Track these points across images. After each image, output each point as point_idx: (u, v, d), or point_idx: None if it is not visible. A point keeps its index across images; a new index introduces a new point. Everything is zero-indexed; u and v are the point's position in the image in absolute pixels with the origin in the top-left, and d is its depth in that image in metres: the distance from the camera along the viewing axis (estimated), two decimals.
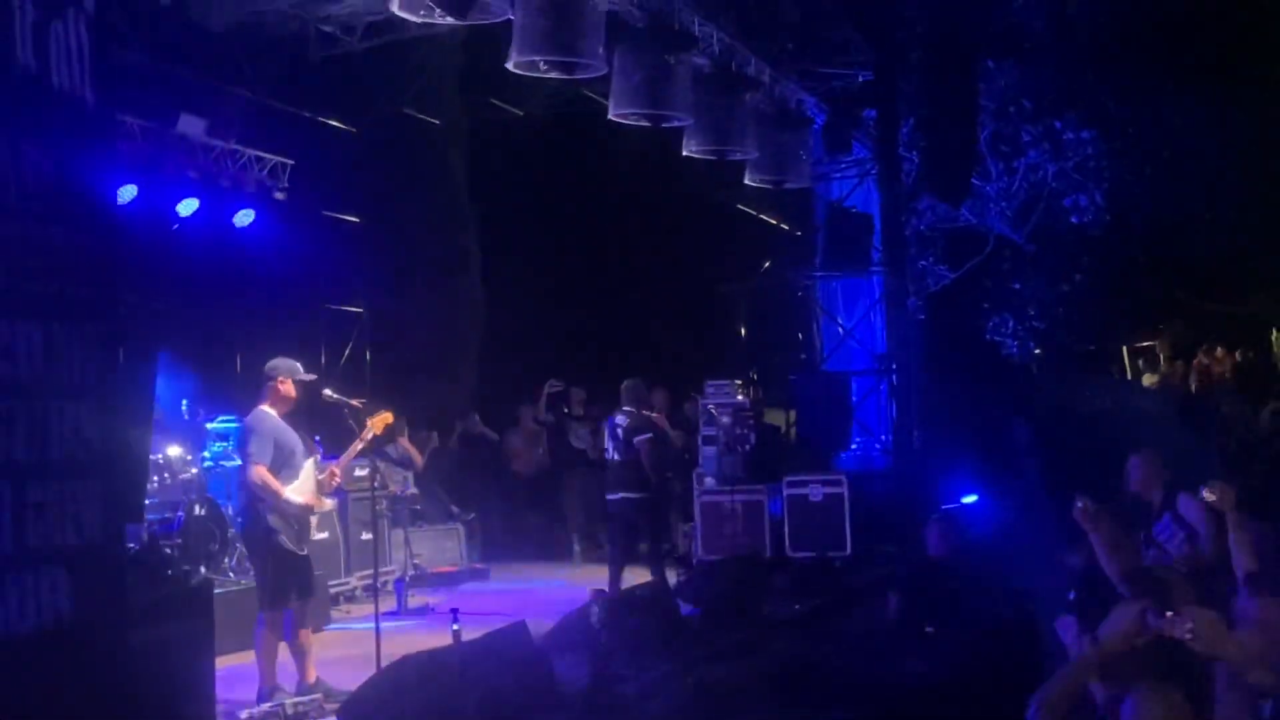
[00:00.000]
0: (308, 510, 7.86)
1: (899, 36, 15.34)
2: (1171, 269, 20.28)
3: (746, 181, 14.24)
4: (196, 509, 10.03)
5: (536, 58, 9.85)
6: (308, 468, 7.93)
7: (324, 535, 11.35)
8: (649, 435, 10.88)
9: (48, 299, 4.47)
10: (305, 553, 7.94)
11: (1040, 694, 4.05)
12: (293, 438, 7.91)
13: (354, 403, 8.23)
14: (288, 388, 7.90)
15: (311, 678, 7.94)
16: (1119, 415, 15.15)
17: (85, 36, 4.71)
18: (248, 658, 8.14)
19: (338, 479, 8.12)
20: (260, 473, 7.68)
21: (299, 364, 8.06)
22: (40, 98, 4.53)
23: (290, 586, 7.82)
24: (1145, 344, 21.52)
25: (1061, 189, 18.98)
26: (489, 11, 9.21)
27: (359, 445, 8.11)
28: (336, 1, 11.71)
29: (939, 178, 15.24)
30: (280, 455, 7.77)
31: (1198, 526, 6.65)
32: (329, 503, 8.29)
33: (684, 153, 12.63)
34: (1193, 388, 17.74)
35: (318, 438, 10.51)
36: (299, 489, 7.80)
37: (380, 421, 8.21)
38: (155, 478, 9.95)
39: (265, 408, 7.90)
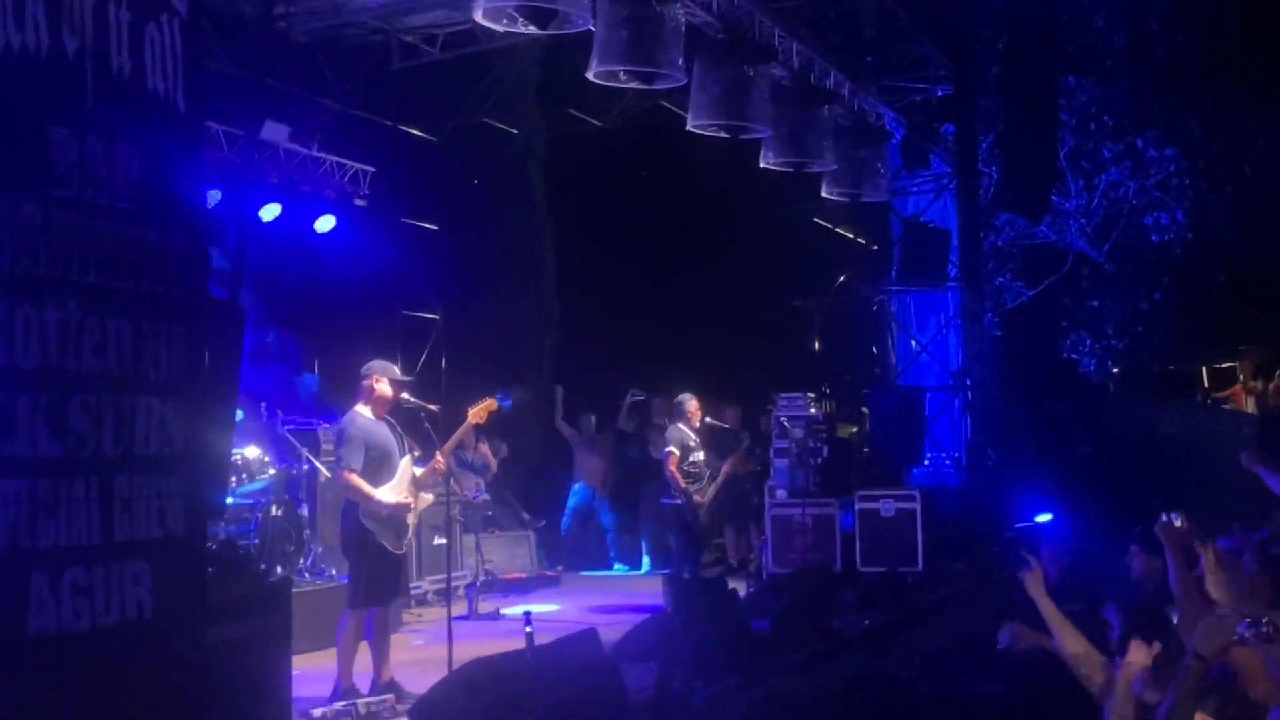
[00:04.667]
0: (402, 509, 7.89)
1: (978, 51, 15.22)
2: (1253, 289, 19.91)
3: (824, 195, 14.19)
4: (273, 510, 10.14)
5: (616, 68, 9.88)
6: (404, 466, 7.98)
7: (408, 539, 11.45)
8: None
9: (139, 297, 4.54)
10: (402, 553, 8.01)
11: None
12: (386, 438, 7.95)
13: (430, 407, 8.29)
14: (382, 387, 7.95)
15: (386, 678, 7.99)
16: (1196, 437, 14.91)
17: (179, 41, 4.79)
18: (319, 658, 8.21)
19: (442, 467, 8.15)
20: (349, 478, 7.76)
21: (394, 366, 8.17)
22: (135, 100, 4.61)
23: (381, 586, 7.88)
24: (1225, 365, 21.13)
25: (1142, 206, 18.71)
26: (570, 23, 9.25)
27: (463, 432, 8.21)
28: (419, 12, 11.84)
29: (1018, 193, 15.08)
30: (374, 455, 7.82)
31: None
32: (428, 498, 8.32)
33: (761, 165, 12.60)
34: (1272, 410, 17.42)
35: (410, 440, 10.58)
36: (393, 488, 7.85)
37: (484, 409, 8.26)
38: (233, 478, 10.07)
39: (359, 408, 7.98)
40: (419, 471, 8.11)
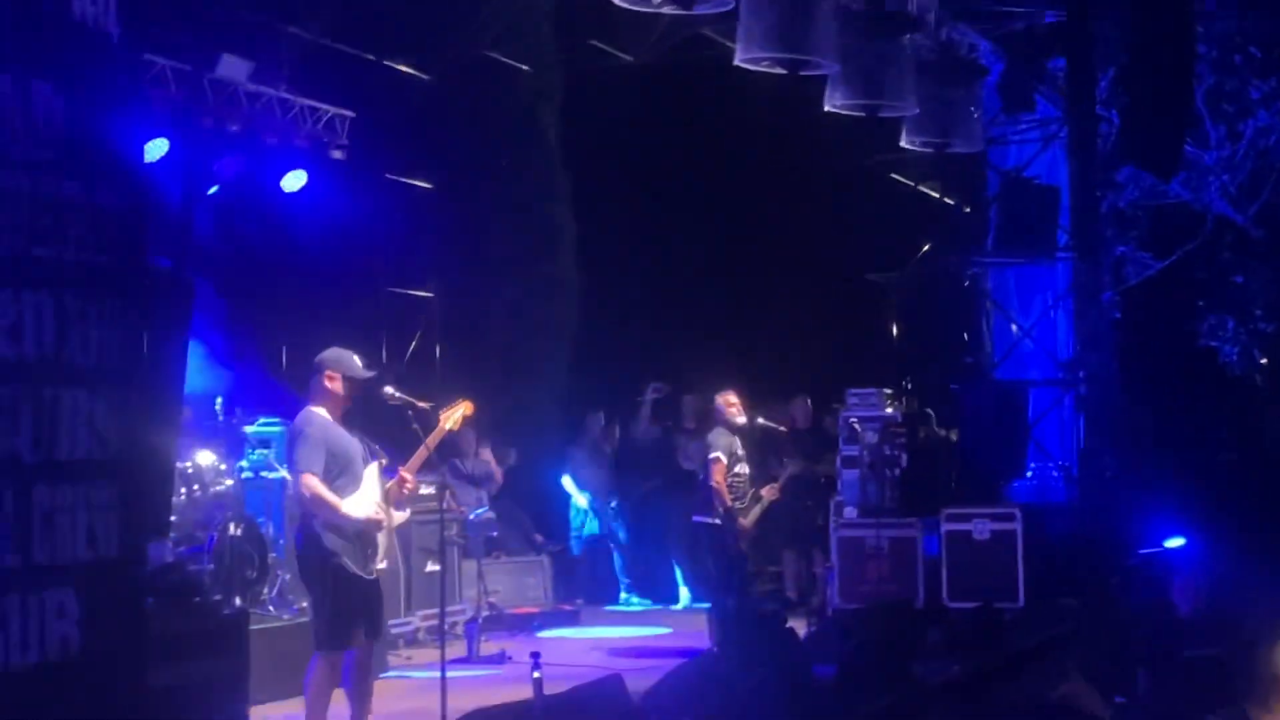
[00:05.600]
0: (373, 526, 7.88)
1: None
2: None
3: (903, 145, 14.14)
4: (231, 528, 10.18)
5: None
6: (370, 476, 7.98)
7: (381, 565, 11.50)
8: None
9: (60, 266, 4.57)
10: (373, 578, 7.96)
11: None
12: (348, 442, 7.96)
13: (420, 404, 8.29)
14: (336, 384, 7.94)
15: None
16: None
17: None
18: (287, 707, 8.26)
19: (410, 485, 8.15)
20: (310, 482, 7.72)
21: (356, 357, 8.09)
22: (55, 29, 4.64)
23: (354, 621, 7.85)
24: None
25: None
26: None
27: (433, 441, 8.16)
28: None
29: (1144, 143, 14.99)
30: (335, 463, 7.81)
31: None
32: (401, 515, 8.33)
33: (826, 108, 12.56)
34: None
35: (376, 446, 10.62)
36: (360, 501, 7.84)
37: (457, 413, 8.26)
38: (183, 489, 10.13)
39: (314, 408, 7.97)
40: (389, 485, 8.10)
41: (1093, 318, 15.51)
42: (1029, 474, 15.73)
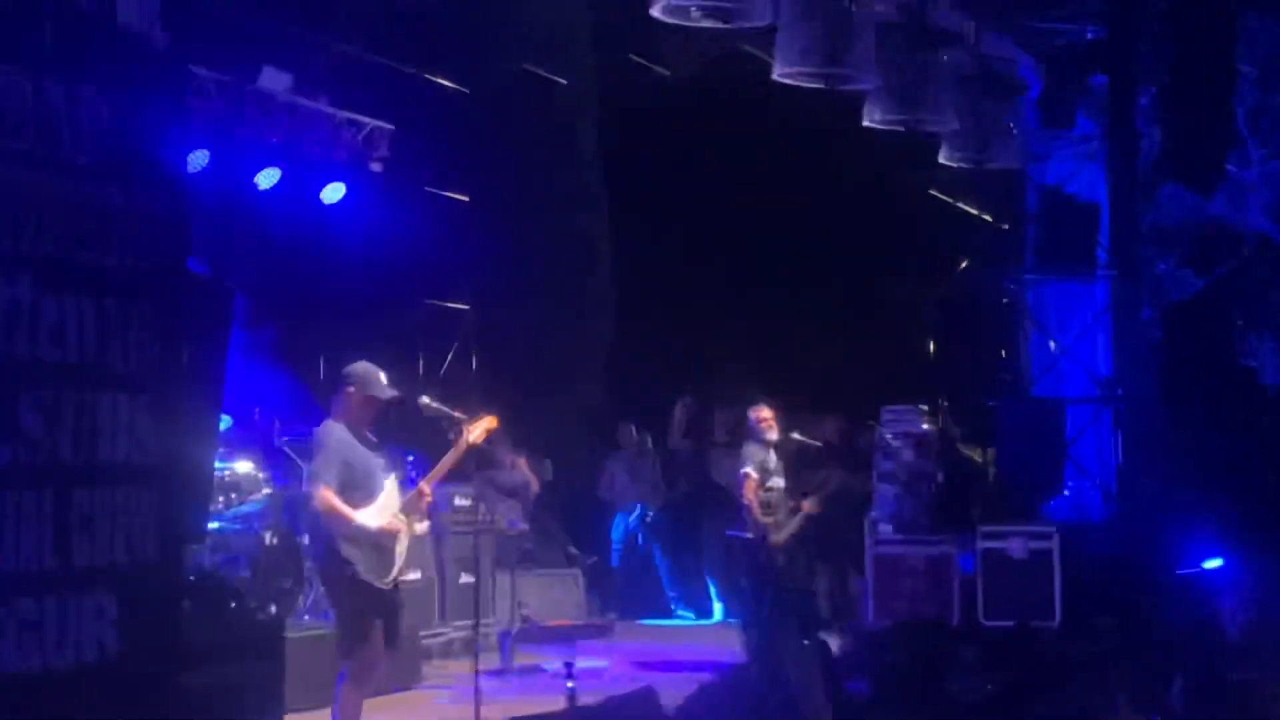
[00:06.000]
0: (387, 536, 7.90)
1: None
2: None
3: (941, 160, 14.11)
4: (268, 537, 10.24)
5: (686, 2, 9.92)
6: (389, 487, 8.02)
7: (415, 576, 11.56)
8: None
9: (103, 271, 4.61)
10: (391, 588, 7.98)
11: None
12: (367, 456, 7.99)
13: (457, 415, 8.31)
14: (359, 399, 7.97)
15: None
16: None
17: None
18: (321, 715, 8.28)
19: (428, 497, 8.17)
20: (324, 496, 7.76)
21: (382, 375, 8.08)
22: (101, 36, 4.69)
23: (372, 630, 7.89)
24: None
25: None
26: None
27: (453, 458, 8.18)
28: None
29: (1185, 161, 14.93)
30: (352, 476, 7.83)
31: None
32: (420, 527, 8.35)
33: (865, 123, 12.55)
34: None
35: (411, 457, 10.66)
36: (375, 512, 7.87)
37: (481, 428, 8.27)
38: (221, 498, 10.19)
39: (334, 420, 8.01)
40: (407, 497, 8.13)
41: (1132, 336, 15.43)
42: (1066, 492, 15.65)
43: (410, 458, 10.69)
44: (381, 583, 7.88)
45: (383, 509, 7.90)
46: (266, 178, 12.16)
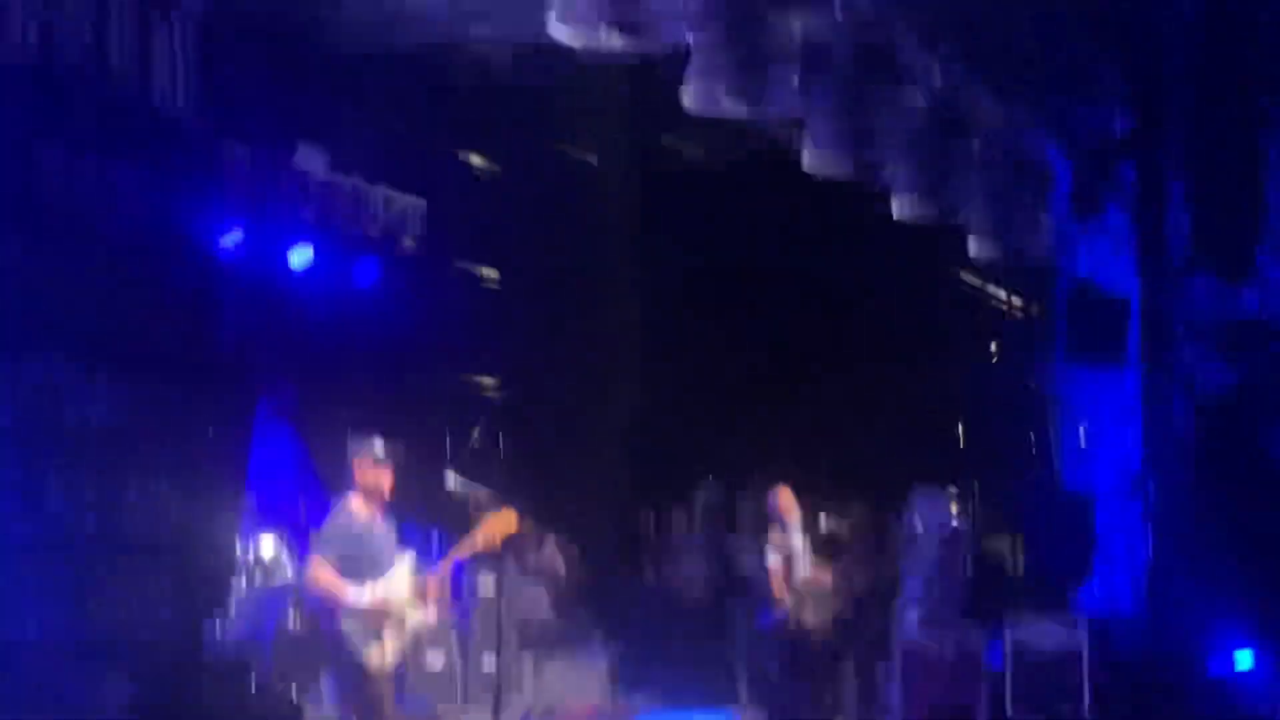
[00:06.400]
0: (383, 614, 7.77)
1: (1168, 72, 15.06)
2: None
3: (972, 251, 14.10)
4: (292, 620, 10.13)
5: (715, 87, 9.98)
6: (401, 566, 7.96)
7: (438, 659, 11.51)
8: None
9: (132, 346, 4.65)
10: (385, 671, 7.86)
11: None
12: (375, 534, 7.92)
13: (481, 498, 8.29)
14: (363, 473, 7.94)
15: None
16: None
17: (190, 46, 4.93)
18: None
19: (436, 590, 8.10)
20: (314, 569, 7.70)
21: (379, 443, 8.04)
22: (135, 114, 4.74)
23: (360, 710, 7.79)
24: None
25: None
26: (661, 35, 9.37)
27: (465, 550, 8.13)
28: (485, 20, 12.03)
29: (1216, 253, 14.88)
30: (357, 553, 7.77)
31: None
32: (421, 614, 8.17)
33: (894, 215, 12.58)
34: None
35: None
36: (371, 588, 7.77)
37: (499, 525, 8.15)
38: (244, 578, 10.13)
39: (350, 497, 7.95)
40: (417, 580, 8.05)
41: (1162, 427, 15.33)
42: (1095, 585, 15.51)
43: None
44: (375, 664, 7.75)
45: (386, 587, 7.81)
46: (299, 256, 12.21)
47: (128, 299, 4.65)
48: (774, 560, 11.37)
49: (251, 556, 10.20)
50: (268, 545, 10.43)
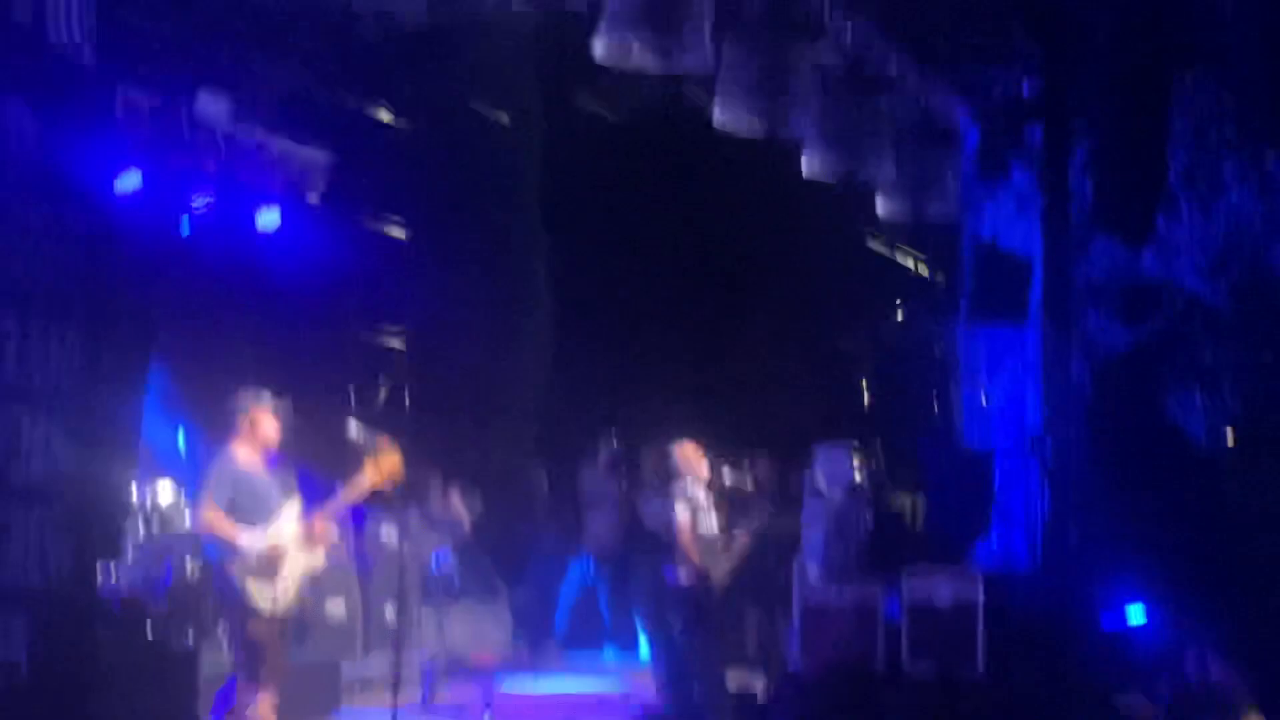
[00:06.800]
0: (273, 557, 7.87)
1: (1076, 37, 15.21)
2: None
3: (879, 211, 14.20)
4: (188, 566, 10.13)
5: (628, 39, 9.96)
6: (288, 512, 8.03)
7: (338, 609, 11.50)
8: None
9: (26, 288, 4.59)
10: (279, 616, 7.94)
11: None
12: (264, 481, 8.03)
13: (380, 443, 8.32)
14: (261, 421, 8.02)
15: None
16: None
17: None
18: None
19: (322, 531, 8.17)
20: (205, 515, 7.80)
21: (268, 397, 8.21)
22: (29, 52, 4.67)
23: (257, 654, 7.84)
24: None
25: (1271, 236, 18.66)
26: None
27: (352, 495, 8.22)
28: None
29: (1117, 216, 15.08)
30: (245, 501, 7.88)
31: None
32: (314, 557, 8.25)
33: (804, 173, 12.62)
34: None
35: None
36: (261, 534, 7.87)
37: (384, 466, 8.26)
38: (141, 524, 10.10)
39: (234, 446, 8.07)
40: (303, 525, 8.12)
41: (1061, 388, 15.54)
42: (992, 541, 15.72)
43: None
44: (268, 606, 7.84)
45: (276, 532, 7.92)
46: (200, 202, 12.09)
47: (20, 241, 4.57)
48: (679, 513, 11.38)
49: (149, 503, 10.19)
50: (165, 491, 10.39)
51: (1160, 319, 18.39)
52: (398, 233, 15.31)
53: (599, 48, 10.08)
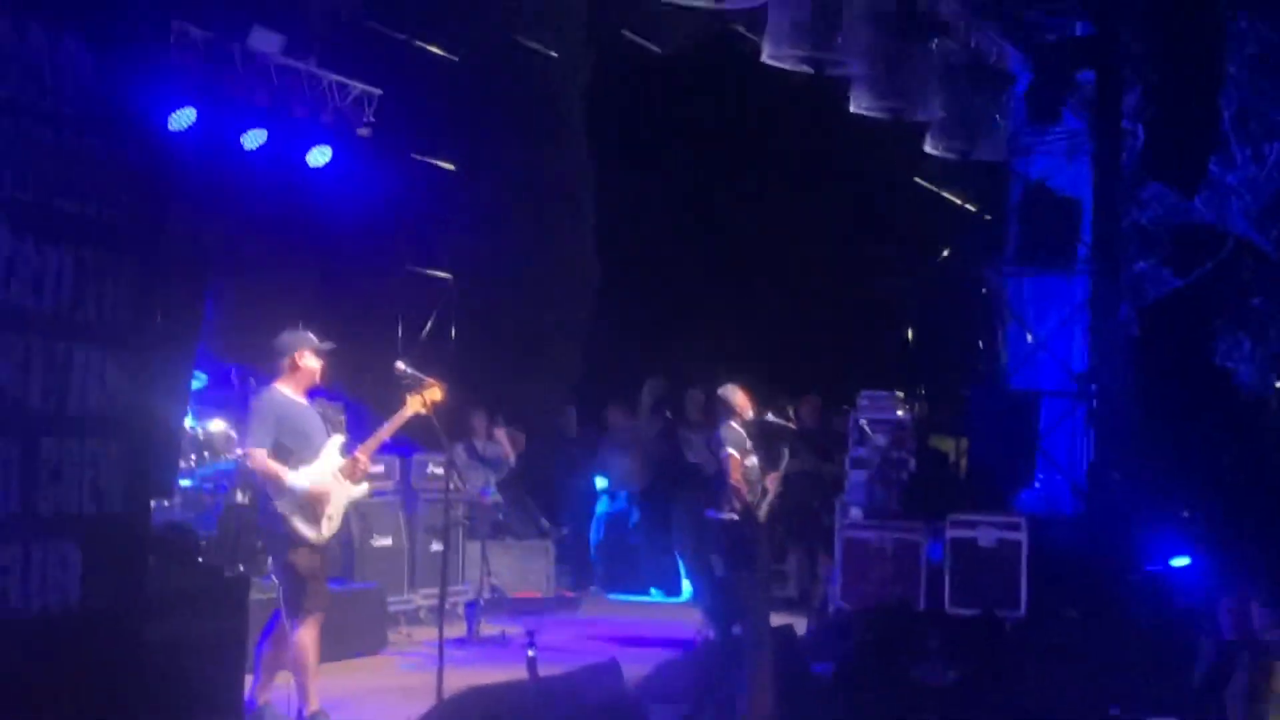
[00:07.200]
0: (319, 496, 7.97)
1: None
2: None
3: (927, 150, 14.12)
4: (238, 497, 10.25)
5: None
6: (329, 449, 8.11)
7: (386, 542, 11.59)
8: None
9: (81, 222, 4.60)
10: (324, 545, 8.08)
11: None
12: (308, 418, 8.12)
13: (428, 381, 8.37)
14: (307, 361, 8.12)
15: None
16: None
17: None
18: (281, 675, 8.31)
19: (362, 465, 8.25)
20: (255, 455, 7.93)
21: (312, 338, 8.29)
22: None
23: (310, 586, 7.96)
24: None
25: None
26: None
27: (393, 426, 8.29)
28: None
29: (1169, 160, 14.93)
30: (291, 439, 7.98)
31: None
32: (356, 490, 8.36)
33: (852, 109, 12.55)
34: None
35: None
36: (309, 472, 7.97)
37: (425, 398, 8.32)
38: (193, 455, 10.21)
39: (278, 385, 8.15)
40: (344, 461, 8.20)
41: (1109, 332, 15.45)
42: (1036, 484, 15.70)
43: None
44: (317, 540, 7.97)
45: (317, 469, 8.00)
46: (253, 139, 12.11)
47: (75, 174, 4.59)
48: (727, 453, 11.38)
49: (200, 434, 10.30)
50: (217, 425, 10.49)
51: (1209, 263, 18.27)
52: (446, 168, 15.29)
53: None
